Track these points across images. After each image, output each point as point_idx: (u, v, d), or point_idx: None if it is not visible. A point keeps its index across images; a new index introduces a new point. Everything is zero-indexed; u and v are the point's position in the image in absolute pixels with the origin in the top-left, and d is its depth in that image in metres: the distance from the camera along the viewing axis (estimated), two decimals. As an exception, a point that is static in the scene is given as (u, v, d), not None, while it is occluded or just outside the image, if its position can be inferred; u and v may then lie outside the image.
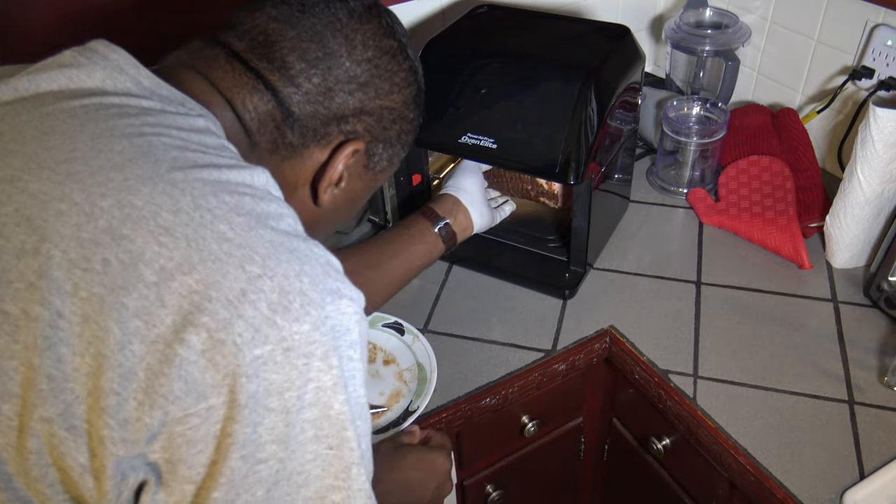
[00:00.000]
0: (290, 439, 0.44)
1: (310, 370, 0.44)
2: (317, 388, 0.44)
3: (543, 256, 1.14)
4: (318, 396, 0.45)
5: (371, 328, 1.03)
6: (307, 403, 0.44)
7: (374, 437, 0.89)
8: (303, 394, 0.44)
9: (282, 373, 0.43)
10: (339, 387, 0.45)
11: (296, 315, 0.44)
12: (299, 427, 0.44)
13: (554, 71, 0.99)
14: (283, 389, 0.43)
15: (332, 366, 0.45)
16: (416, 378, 0.97)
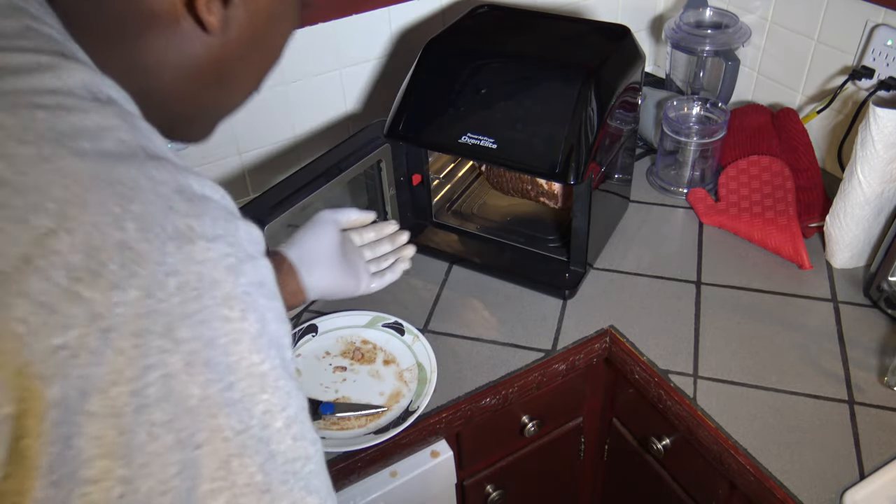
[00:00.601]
0: (134, 451, 0.33)
1: (147, 353, 0.33)
2: (163, 377, 0.33)
3: (543, 256, 1.14)
4: (166, 387, 0.33)
5: (371, 328, 1.03)
6: (151, 400, 0.33)
7: (373, 436, 0.89)
8: (141, 388, 0.33)
9: (102, 364, 0.32)
10: (196, 365, 0.34)
11: (113, 280, 0.32)
12: (145, 434, 0.33)
13: (554, 71, 0.99)
14: (108, 386, 0.32)
15: (183, 339, 0.34)
16: (416, 378, 0.97)
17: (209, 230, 0.36)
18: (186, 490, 0.34)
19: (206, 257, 0.35)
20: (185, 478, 0.34)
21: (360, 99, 1.31)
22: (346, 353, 1.01)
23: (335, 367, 0.99)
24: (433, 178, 1.20)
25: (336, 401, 0.95)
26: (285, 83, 1.21)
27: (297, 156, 1.30)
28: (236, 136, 1.22)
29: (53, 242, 0.32)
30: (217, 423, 0.35)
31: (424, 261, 1.16)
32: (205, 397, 0.35)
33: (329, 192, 1.03)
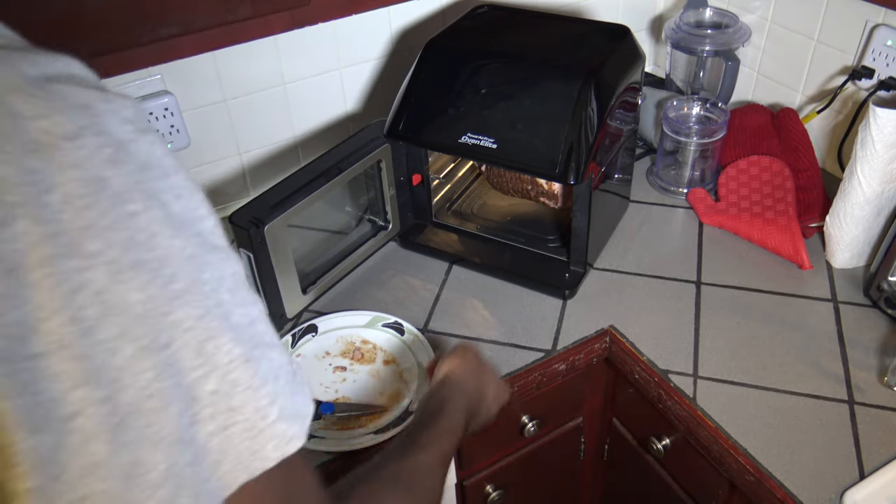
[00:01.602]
0: (100, 372, 0.33)
1: (64, 279, 0.32)
2: (94, 294, 0.32)
3: (543, 256, 1.14)
4: (102, 303, 0.33)
5: (371, 328, 1.03)
6: (93, 321, 0.32)
7: (373, 436, 0.89)
8: (76, 313, 0.32)
9: (23, 304, 0.31)
10: (124, 272, 0.33)
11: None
12: (102, 353, 0.33)
13: (554, 71, 0.99)
14: (39, 323, 0.31)
15: (95, 252, 0.33)
16: (416, 378, 0.97)
17: (68, 127, 0.32)
18: (173, 386, 0.34)
19: (77, 158, 0.32)
20: (167, 377, 0.34)
21: (360, 99, 1.31)
22: (346, 353, 1.01)
23: (335, 367, 0.99)
24: (433, 178, 1.20)
25: (336, 401, 0.95)
26: (285, 83, 1.21)
27: (296, 156, 1.30)
28: (236, 136, 1.23)
29: None
30: (175, 318, 0.35)
31: (424, 261, 1.16)
32: (149, 299, 0.33)
33: (329, 192, 1.03)
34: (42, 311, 0.31)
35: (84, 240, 0.32)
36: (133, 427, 0.33)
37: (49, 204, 0.31)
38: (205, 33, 1.01)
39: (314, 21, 1.14)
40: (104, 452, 0.33)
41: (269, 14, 1.05)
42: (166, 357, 0.34)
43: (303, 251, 1.07)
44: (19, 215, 0.30)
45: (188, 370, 0.35)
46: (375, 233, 1.17)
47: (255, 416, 0.38)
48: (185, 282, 0.35)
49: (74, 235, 0.31)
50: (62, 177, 0.31)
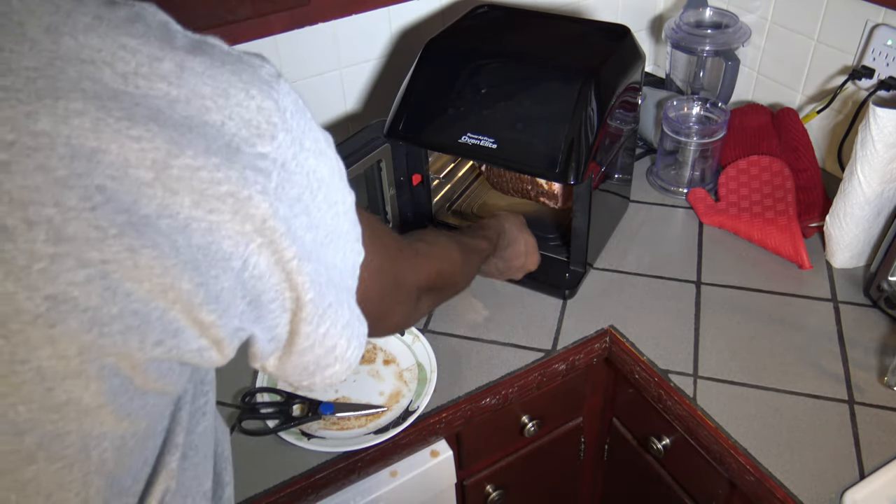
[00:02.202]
0: (314, 215, 0.48)
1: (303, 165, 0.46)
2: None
3: (543, 256, 1.14)
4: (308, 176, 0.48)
5: None
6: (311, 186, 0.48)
7: (373, 436, 0.89)
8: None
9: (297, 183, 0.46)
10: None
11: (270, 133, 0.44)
12: (315, 207, 0.48)
13: (554, 71, 0.99)
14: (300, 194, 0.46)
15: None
16: (416, 378, 0.97)
17: (273, 69, 0.46)
18: (333, 228, 0.50)
19: (287, 89, 0.46)
20: (330, 220, 0.50)
21: (360, 99, 1.30)
22: None
23: None
24: (433, 178, 1.20)
25: (336, 401, 0.95)
26: (285, 83, 1.21)
27: (297, 156, 1.30)
28: (236, 136, 1.22)
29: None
30: (336, 183, 0.50)
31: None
32: (330, 171, 0.50)
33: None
34: (299, 187, 0.45)
35: (304, 140, 0.46)
36: (324, 254, 0.49)
37: (287, 120, 0.45)
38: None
39: (314, 21, 1.14)
40: (326, 271, 0.49)
41: (269, 14, 1.05)
42: (335, 210, 0.50)
43: (303, 251, 1.07)
44: (279, 130, 0.44)
45: (340, 217, 0.51)
46: (375, 233, 1.16)
47: (356, 244, 0.54)
48: (334, 159, 0.51)
49: (300, 138, 0.46)
50: (286, 101, 0.45)
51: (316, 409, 0.93)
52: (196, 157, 0.40)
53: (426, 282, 0.74)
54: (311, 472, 0.88)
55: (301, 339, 0.49)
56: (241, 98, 0.42)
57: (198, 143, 0.40)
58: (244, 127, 0.42)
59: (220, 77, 0.42)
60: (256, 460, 0.89)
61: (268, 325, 0.47)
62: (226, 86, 0.42)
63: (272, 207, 0.43)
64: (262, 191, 0.42)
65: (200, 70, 0.41)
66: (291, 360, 0.51)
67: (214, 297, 0.42)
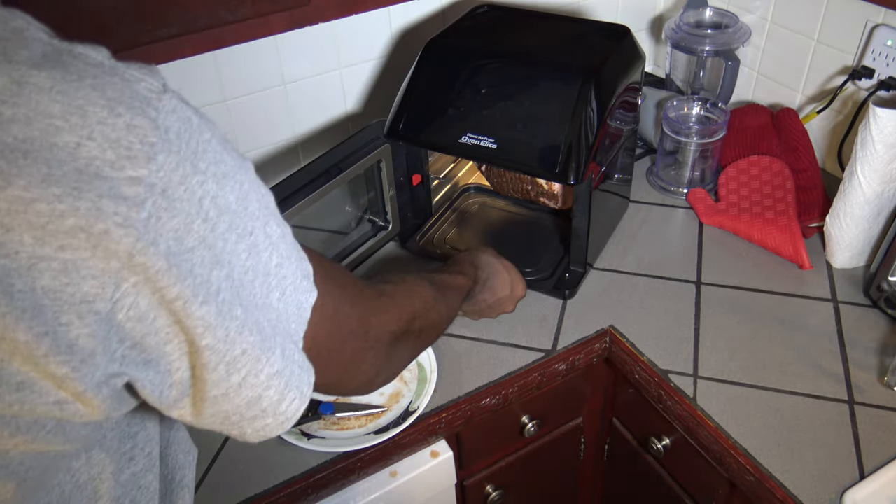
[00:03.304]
0: (218, 248, 0.43)
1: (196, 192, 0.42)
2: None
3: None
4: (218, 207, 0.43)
5: None
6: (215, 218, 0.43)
7: (373, 436, 0.89)
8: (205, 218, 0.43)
9: (176, 215, 0.40)
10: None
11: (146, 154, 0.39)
12: (217, 239, 0.43)
13: (554, 71, 0.99)
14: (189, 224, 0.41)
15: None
16: (416, 378, 0.97)
17: (156, 83, 0.42)
18: (256, 264, 0.46)
19: (172, 106, 0.42)
20: (254, 255, 0.46)
21: (360, 99, 1.31)
22: None
23: None
24: (433, 178, 1.20)
25: (336, 401, 0.95)
26: (285, 83, 1.21)
27: (296, 156, 1.30)
28: (236, 136, 1.22)
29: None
30: (251, 210, 0.46)
31: (424, 261, 1.16)
32: (237, 199, 0.44)
33: (329, 192, 1.03)
34: (188, 217, 0.41)
35: (198, 160, 0.42)
36: (245, 296, 0.45)
37: (171, 139, 0.40)
38: (205, 33, 1.01)
39: (314, 21, 1.14)
40: (242, 315, 0.44)
41: (269, 14, 1.05)
42: (251, 241, 0.45)
43: (303, 251, 1.06)
44: (158, 151, 0.39)
45: (262, 249, 0.46)
46: (375, 233, 1.17)
47: (294, 277, 0.50)
48: (248, 183, 0.46)
49: (192, 158, 0.41)
50: (169, 119, 0.41)
51: (316, 410, 0.93)
52: (29, 187, 0.35)
53: (399, 325, 0.66)
54: (311, 472, 0.88)
55: (209, 387, 0.45)
56: (105, 115, 0.38)
57: (33, 172, 0.36)
58: (110, 148, 0.38)
59: (74, 93, 0.37)
60: (256, 460, 0.89)
61: (164, 368, 0.43)
62: (82, 102, 0.38)
63: (141, 241, 0.38)
64: (124, 223, 0.37)
65: (47, 85, 0.37)
66: (207, 409, 0.46)
67: (66, 347, 0.37)
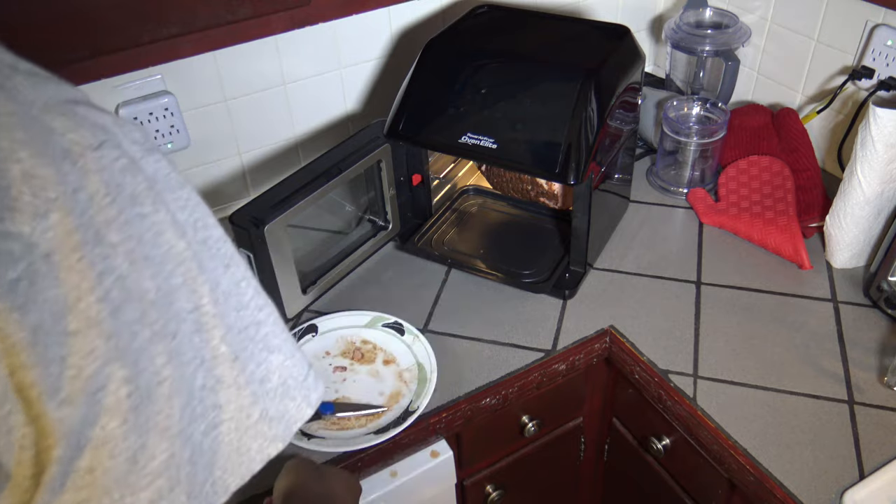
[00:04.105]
0: (124, 352, 0.37)
1: (93, 262, 0.36)
2: (117, 279, 0.36)
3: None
4: (124, 287, 0.37)
5: (371, 328, 1.03)
6: (119, 302, 0.36)
7: (373, 436, 0.89)
8: (104, 294, 0.36)
9: (59, 284, 0.35)
10: (138, 262, 0.37)
11: (32, 210, 0.34)
12: (127, 333, 0.37)
13: (554, 71, 0.99)
14: (75, 302, 0.35)
15: (116, 242, 0.36)
16: (416, 378, 0.97)
17: (91, 139, 0.37)
18: (178, 378, 0.38)
19: (100, 166, 0.36)
20: (175, 365, 0.37)
21: (360, 99, 1.30)
22: (346, 353, 1.01)
23: (335, 367, 0.99)
24: (433, 178, 1.20)
25: (336, 401, 0.95)
26: (285, 83, 1.21)
27: (297, 156, 1.30)
28: (236, 136, 1.22)
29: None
30: (176, 309, 0.38)
31: (424, 261, 1.16)
32: (158, 288, 0.37)
33: (329, 192, 1.03)
34: (77, 290, 0.35)
35: (107, 232, 0.36)
36: (146, 411, 0.36)
37: (79, 200, 0.35)
38: (205, 33, 1.01)
39: (314, 21, 1.14)
40: (118, 431, 0.36)
41: (269, 14, 1.05)
42: (174, 346, 0.38)
43: (303, 251, 1.07)
44: (54, 208, 0.34)
45: (186, 363, 0.38)
46: (375, 233, 1.17)
47: (239, 414, 0.41)
48: (181, 278, 0.39)
49: (100, 227, 0.36)
50: (88, 179, 0.36)
51: (315, 410, 0.93)
52: None
53: None
54: (311, 472, 0.88)
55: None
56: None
57: None
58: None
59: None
60: (256, 460, 0.89)
61: (6, 479, 0.36)
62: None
63: (1, 302, 0.33)
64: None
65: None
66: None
67: None
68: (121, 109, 1.09)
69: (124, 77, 1.08)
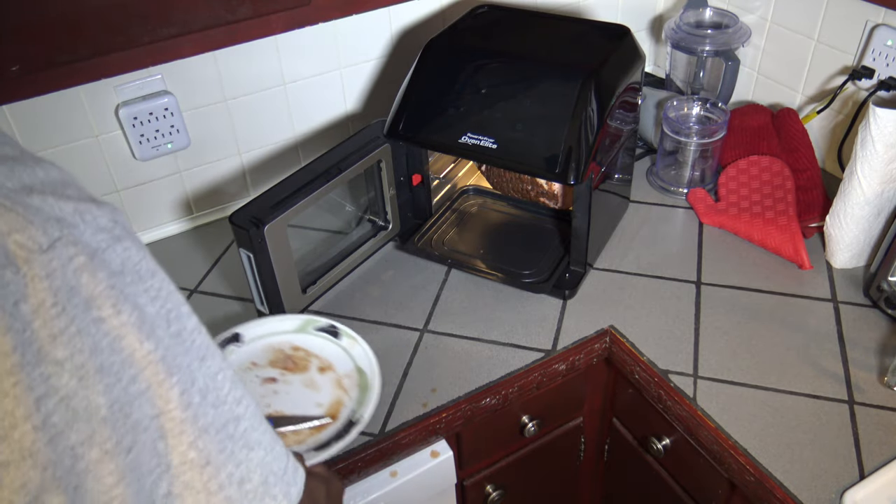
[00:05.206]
0: (64, 478, 0.33)
1: (31, 386, 0.32)
2: (61, 400, 0.33)
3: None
4: (69, 409, 0.34)
5: (302, 333, 0.94)
6: (61, 427, 0.34)
7: (314, 454, 0.79)
8: (43, 421, 0.33)
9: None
10: (89, 377, 0.34)
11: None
12: (69, 459, 0.34)
13: (554, 71, 0.99)
14: (8, 432, 0.32)
15: (63, 359, 0.33)
16: (356, 385, 0.88)
17: (41, 239, 0.32)
18: (135, 493, 0.34)
19: (49, 270, 0.32)
20: (130, 481, 0.34)
21: (360, 99, 1.30)
22: (276, 363, 0.90)
23: (264, 379, 0.88)
24: (433, 178, 1.20)
25: (270, 416, 0.84)
26: (285, 83, 1.21)
27: (296, 156, 1.30)
28: (236, 136, 1.22)
29: None
30: (135, 419, 0.35)
31: (424, 261, 1.16)
32: (113, 402, 0.34)
33: (329, 192, 1.03)
34: (10, 418, 0.31)
35: (53, 347, 0.32)
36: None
37: (21, 314, 0.31)
38: (205, 33, 1.01)
39: (314, 21, 1.14)
40: None
41: (269, 14, 1.05)
42: (130, 461, 0.34)
43: (303, 251, 1.07)
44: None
45: (146, 473, 0.35)
46: (375, 233, 1.17)
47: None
48: (145, 383, 0.36)
49: (44, 343, 0.32)
50: (34, 287, 0.32)
51: None
52: None
53: None
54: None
55: None
56: None
57: None
58: None
59: None
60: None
61: None
62: None
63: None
64: None
65: None
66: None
67: None
68: (121, 109, 1.09)
69: (124, 77, 1.08)
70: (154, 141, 1.13)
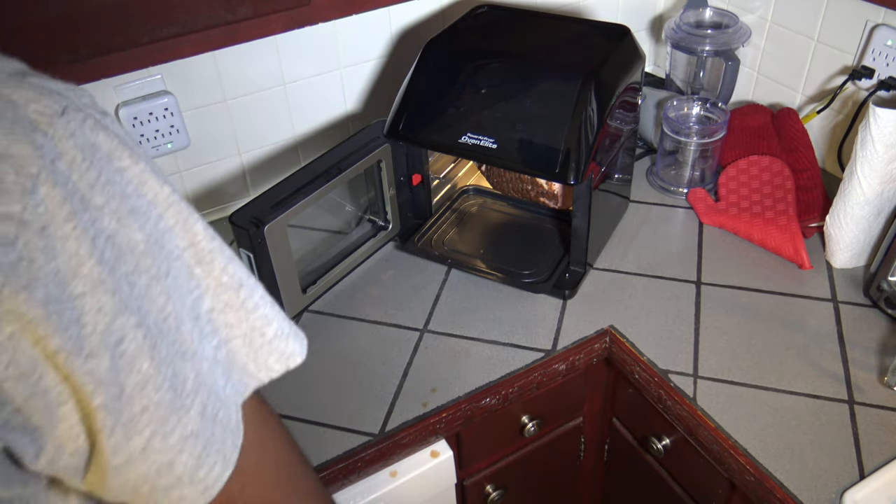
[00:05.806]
0: (129, 301, 0.39)
1: (85, 229, 0.37)
2: (107, 238, 0.38)
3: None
4: (115, 245, 0.38)
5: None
6: (113, 260, 0.38)
7: None
8: (100, 256, 0.38)
9: (59, 254, 0.36)
10: (125, 217, 0.39)
11: (20, 189, 0.35)
12: (126, 285, 0.39)
13: (554, 71, 0.99)
14: (77, 267, 0.37)
15: (101, 204, 0.38)
16: None
17: (55, 107, 0.37)
18: (180, 308, 0.41)
19: (70, 131, 0.37)
20: (175, 299, 0.41)
21: (360, 99, 1.31)
22: None
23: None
24: (433, 178, 1.20)
25: None
26: (285, 83, 1.21)
27: (296, 156, 1.30)
28: (236, 136, 1.22)
29: None
30: (167, 250, 0.41)
31: (424, 261, 1.16)
32: (147, 237, 0.40)
33: (329, 192, 1.03)
34: (76, 257, 0.36)
35: (92, 195, 0.37)
36: (163, 344, 0.40)
37: (60, 170, 0.36)
38: (205, 33, 1.01)
39: (314, 21, 1.14)
40: (150, 368, 0.39)
41: (269, 14, 1.05)
42: (169, 283, 0.41)
43: (303, 251, 1.07)
44: (40, 182, 0.35)
45: (186, 293, 0.42)
46: (375, 233, 1.17)
47: (252, 333, 0.45)
48: (172, 220, 0.42)
49: (84, 193, 0.37)
50: (63, 146, 0.37)
51: None
52: None
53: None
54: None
55: (109, 455, 0.39)
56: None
57: None
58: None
59: None
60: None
61: (58, 434, 0.38)
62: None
63: (9, 286, 0.34)
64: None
65: None
66: (111, 480, 0.40)
67: None
68: (121, 109, 1.09)
69: (124, 77, 1.08)
70: (154, 141, 1.13)
